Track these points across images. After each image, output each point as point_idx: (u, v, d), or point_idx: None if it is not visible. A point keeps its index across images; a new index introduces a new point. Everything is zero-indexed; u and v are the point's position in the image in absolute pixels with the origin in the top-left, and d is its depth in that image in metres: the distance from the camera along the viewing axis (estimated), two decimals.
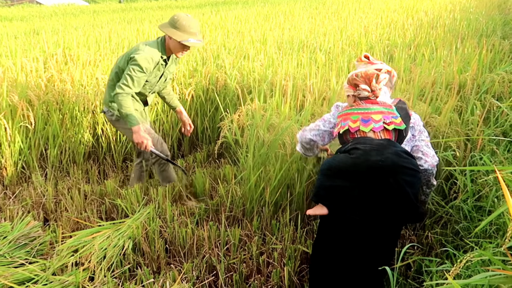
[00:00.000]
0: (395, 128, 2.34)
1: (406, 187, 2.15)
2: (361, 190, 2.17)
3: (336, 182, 2.22)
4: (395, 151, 2.21)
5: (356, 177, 2.18)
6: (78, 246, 2.97)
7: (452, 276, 1.43)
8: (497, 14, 9.34)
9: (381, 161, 2.14)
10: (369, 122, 2.34)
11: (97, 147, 4.63)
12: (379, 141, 2.28)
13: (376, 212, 2.18)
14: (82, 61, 5.26)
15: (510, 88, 4.01)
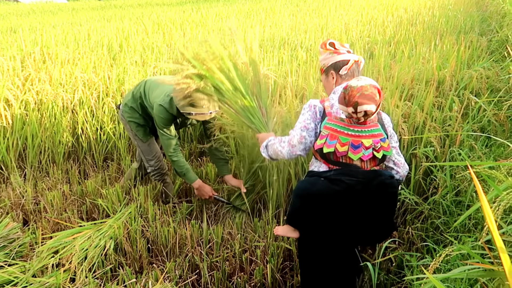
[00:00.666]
0: (383, 153, 2.18)
1: (386, 210, 2.16)
2: (339, 217, 2.14)
3: (312, 208, 2.16)
4: (381, 181, 2.12)
5: (335, 206, 2.12)
6: (59, 247, 2.93)
7: (431, 270, 1.44)
8: (475, 11, 9.47)
9: (365, 195, 2.09)
10: (359, 149, 2.14)
11: (77, 146, 4.58)
12: (365, 173, 2.14)
13: (352, 235, 2.19)
14: (61, 60, 5.19)
15: (488, 84, 4.07)
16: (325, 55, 2.42)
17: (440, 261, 1.45)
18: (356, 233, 2.18)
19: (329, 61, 2.39)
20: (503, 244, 0.95)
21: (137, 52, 5.94)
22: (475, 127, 3.45)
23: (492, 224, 0.80)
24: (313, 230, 2.23)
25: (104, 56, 5.63)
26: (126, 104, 3.55)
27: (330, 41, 2.39)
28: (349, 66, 2.33)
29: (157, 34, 7.73)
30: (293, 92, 3.85)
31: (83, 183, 3.96)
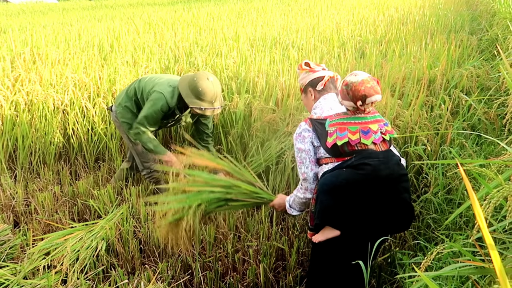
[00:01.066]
0: (390, 136, 2.27)
1: (405, 193, 2.19)
2: (370, 204, 2.16)
3: (342, 201, 2.18)
4: (396, 161, 2.21)
5: (365, 192, 2.15)
6: (50, 248, 2.91)
7: (423, 268, 1.45)
8: (465, 10, 9.52)
9: (390, 174, 2.14)
10: (369, 134, 2.21)
11: (68, 147, 4.55)
12: (383, 153, 2.21)
13: (382, 224, 2.19)
14: (51, 60, 5.16)
15: (478, 82, 4.09)
16: (302, 75, 2.56)
17: (431, 259, 1.46)
18: (387, 219, 2.19)
19: (306, 79, 2.52)
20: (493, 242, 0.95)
21: (128, 52, 5.92)
22: (466, 125, 3.47)
23: (482, 222, 0.81)
24: (347, 225, 2.22)
25: (95, 56, 5.60)
26: (119, 104, 3.52)
27: (305, 61, 2.52)
28: (324, 81, 2.45)
29: (148, 34, 7.71)
30: (285, 91, 3.86)
31: (74, 184, 3.93)
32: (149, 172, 3.65)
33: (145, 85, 3.42)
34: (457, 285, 1.71)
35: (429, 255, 1.47)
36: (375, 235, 2.20)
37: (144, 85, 3.43)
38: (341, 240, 2.24)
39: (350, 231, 2.22)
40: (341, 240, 2.24)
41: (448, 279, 1.74)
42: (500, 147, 2.66)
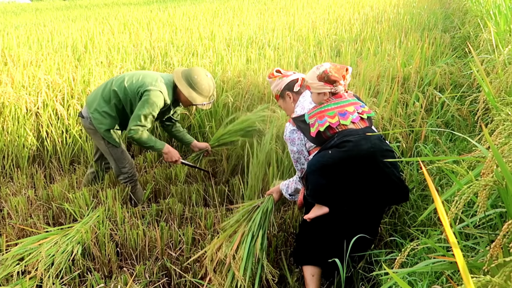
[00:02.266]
0: (368, 116, 2.42)
1: (392, 167, 2.28)
2: (357, 181, 2.27)
3: (331, 179, 2.28)
4: (378, 136, 2.33)
5: (350, 169, 2.26)
6: (24, 254, 2.85)
7: (397, 265, 1.46)
8: (438, 8, 9.67)
9: (372, 148, 2.25)
10: (346, 115, 2.36)
11: (42, 150, 4.47)
12: (364, 129, 2.35)
13: (371, 199, 2.30)
14: (23, 61, 5.06)
15: (451, 79, 4.16)
16: (275, 82, 2.70)
17: (405, 255, 1.48)
18: (375, 193, 2.29)
19: (281, 85, 2.68)
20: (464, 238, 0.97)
21: (102, 53, 5.84)
22: (440, 122, 3.52)
23: (445, 221, 0.82)
24: (335, 202, 2.34)
25: (69, 57, 5.52)
26: (95, 110, 3.40)
27: (276, 68, 2.69)
28: (300, 82, 2.63)
29: (123, 34, 7.62)
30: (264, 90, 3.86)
31: (49, 188, 3.86)
32: (128, 177, 3.61)
33: (128, 85, 3.36)
34: (432, 280, 1.73)
35: (403, 251, 1.49)
36: (368, 208, 2.34)
37: (127, 85, 3.36)
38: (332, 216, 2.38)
39: (339, 207, 2.34)
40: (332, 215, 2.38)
41: (423, 274, 1.76)
42: (473, 143, 2.71)
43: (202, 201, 3.68)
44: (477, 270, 1.39)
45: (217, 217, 3.32)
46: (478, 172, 1.51)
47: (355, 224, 2.40)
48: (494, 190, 1.51)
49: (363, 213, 2.39)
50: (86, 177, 3.88)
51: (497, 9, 4.47)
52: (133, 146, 4.79)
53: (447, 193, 1.64)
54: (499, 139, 1.54)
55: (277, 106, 3.65)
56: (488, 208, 1.60)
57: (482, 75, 2.19)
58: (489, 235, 1.56)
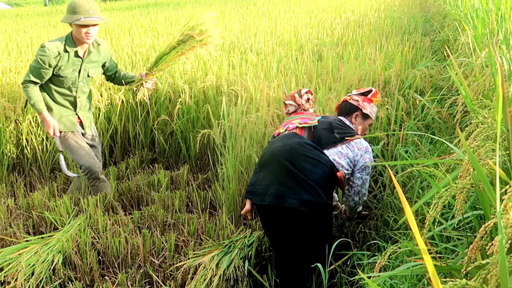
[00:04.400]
0: (307, 126, 2.66)
1: (304, 173, 2.38)
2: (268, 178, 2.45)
3: (257, 176, 2.54)
4: (298, 141, 2.53)
5: (264, 165, 2.52)
6: (3, 264, 2.80)
7: (377, 269, 1.47)
8: (418, 12, 9.77)
9: (280, 147, 2.51)
10: (286, 126, 2.74)
11: (22, 158, 4.41)
12: (286, 133, 2.67)
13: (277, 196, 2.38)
14: (2, 68, 4.99)
15: (431, 82, 4.20)
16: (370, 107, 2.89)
17: (385, 259, 1.48)
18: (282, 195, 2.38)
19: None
20: (425, 246, 0.97)
21: None
22: (420, 124, 3.55)
23: (414, 227, 0.82)
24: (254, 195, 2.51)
25: None
26: None
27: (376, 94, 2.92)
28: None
29: (105, 39, 7.56)
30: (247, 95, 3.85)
31: (29, 196, 3.81)
32: (86, 168, 3.56)
33: None
34: (414, 282, 1.74)
35: (383, 255, 1.50)
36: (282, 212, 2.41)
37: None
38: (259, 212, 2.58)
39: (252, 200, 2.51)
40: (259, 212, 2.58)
41: (404, 277, 1.77)
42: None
43: (185, 207, 3.66)
44: (457, 273, 1.40)
45: (200, 223, 3.31)
46: (455, 175, 1.53)
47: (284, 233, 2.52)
48: (472, 192, 1.52)
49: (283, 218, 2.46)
50: (74, 183, 3.81)
51: (475, 13, 4.54)
52: (115, 152, 4.76)
53: (426, 196, 1.65)
54: (475, 142, 1.56)
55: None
56: (466, 210, 1.62)
57: (460, 78, 2.21)
58: (467, 238, 1.58)
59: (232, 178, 3.33)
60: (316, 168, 2.41)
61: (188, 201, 3.78)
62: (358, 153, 2.60)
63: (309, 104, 2.88)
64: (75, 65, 3.44)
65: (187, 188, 3.94)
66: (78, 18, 3.24)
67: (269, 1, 15.82)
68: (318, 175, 2.40)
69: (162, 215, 3.39)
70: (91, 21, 3.28)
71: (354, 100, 2.84)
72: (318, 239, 2.50)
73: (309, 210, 2.36)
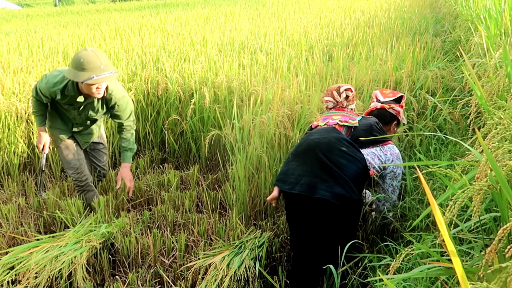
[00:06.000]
0: (347, 125, 2.66)
1: (339, 168, 2.40)
2: (301, 167, 2.48)
3: (289, 166, 2.56)
4: (336, 136, 2.54)
5: (299, 155, 2.54)
6: (15, 262, 2.81)
7: (392, 271, 1.45)
8: (429, 13, 9.72)
9: (317, 139, 2.52)
10: (326, 120, 2.74)
11: (33, 157, 4.43)
12: (325, 127, 2.68)
13: (309, 186, 2.40)
14: (14, 68, 5.02)
15: (443, 83, 4.17)
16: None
17: (400, 261, 1.47)
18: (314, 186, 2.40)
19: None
20: (459, 242, 0.96)
21: None
22: (432, 125, 3.53)
23: (444, 230, 0.81)
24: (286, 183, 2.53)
25: (60, 64, 5.48)
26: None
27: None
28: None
29: (115, 40, 7.59)
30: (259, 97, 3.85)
31: (40, 195, 3.82)
32: (73, 180, 3.54)
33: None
34: (427, 285, 1.72)
35: (398, 257, 1.48)
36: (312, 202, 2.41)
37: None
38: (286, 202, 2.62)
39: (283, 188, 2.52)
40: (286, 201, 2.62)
41: (418, 280, 1.75)
42: (466, 147, 2.71)
43: (195, 207, 3.66)
44: (472, 275, 1.38)
45: (210, 223, 3.30)
46: (472, 177, 1.51)
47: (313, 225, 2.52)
48: (488, 194, 1.50)
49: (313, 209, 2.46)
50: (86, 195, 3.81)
51: (487, 13, 4.50)
52: None
53: (441, 198, 1.63)
54: (492, 143, 1.54)
55: None
56: (482, 212, 1.60)
57: (474, 79, 2.19)
58: (483, 240, 1.56)
59: (242, 178, 3.32)
60: (352, 164, 2.44)
61: (198, 201, 3.78)
62: (390, 157, 2.65)
63: (348, 101, 2.85)
64: (74, 108, 3.30)
65: (197, 188, 3.93)
66: (90, 76, 2.92)
67: (279, 2, 15.82)
68: (353, 171, 2.43)
69: (172, 215, 3.39)
70: (104, 79, 2.99)
71: (395, 110, 2.90)
72: (342, 235, 2.49)
73: (340, 204, 2.37)
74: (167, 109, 4.68)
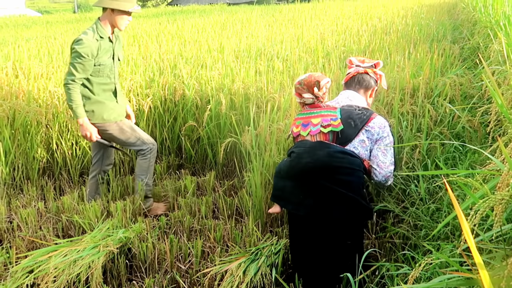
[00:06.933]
0: (332, 130, 2.50)
1: (341, 186, 2.35)
2: (301, 189, 2.44)
3: (285, 182, 2.51)
4: (327, 152, 2.42)
5: (294, 178, 2.47)
6: (34, 266, 2.85)
7: (411, 280, 1.44)
8: (446, 19, 9.64)
9: (310, 163, 2.41)
10: (307, 127, 2.56)
11: (52, 162, 4.49)
12: (312, 143, 2.51)
13: (316, 209, 2.39)
14: (34, 74, 5.10)
15: (461, 91, 4.13)
16: None
17: (419, 271, 1.45)
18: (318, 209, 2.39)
19: None
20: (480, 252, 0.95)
21: None
22: (450, 133, 3.49)
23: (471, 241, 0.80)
24: (285, 203, 2.56)
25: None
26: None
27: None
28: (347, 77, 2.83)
29: (133, 46, 7.68)
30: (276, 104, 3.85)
31: (58, 200, 3.87)
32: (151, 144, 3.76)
33: None
34: None
35: (417, 267, 1.47)
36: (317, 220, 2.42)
37: None
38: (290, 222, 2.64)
39: (286, 208, 2.56)
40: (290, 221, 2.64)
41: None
42: (485, 155, 2.67)
43: (211, 213, 3.67)
44: (493, 286, 1.36)
45: (226, 229, 3.31)
46: (493, 186, 1.49)
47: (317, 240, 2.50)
48: (510, 204, 1.48)
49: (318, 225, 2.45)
50: (90, 186, 3.87)
51: (507, 20, 4.45)
52: None
53: (460, 207, 1.61)
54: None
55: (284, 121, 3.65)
56: (503, 222, 1.58)
57: (494, 86, 2.17)
58: (505, 250, 1.53)
59: (259, 185, 3.32)
60: (352, 176, 2.39)
61: (214, 207, 3.79)
62: (378, 131, 2.53)
63: (326, 95, 2.67)
64: (108, 51, 3.53)
65: (213, 194, 3.95)
66: (135, 6, 3.42)
67: (295, 9, 15.84)
68: (355, 183, 2.39)
69: (189, 221, 3.40)
70: (139, 10, 3.58)
71: (377, 75, 2.78)
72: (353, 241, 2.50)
73: (350, 218, 2.39)
74: (184, 115, 4.71)
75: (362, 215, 2.41)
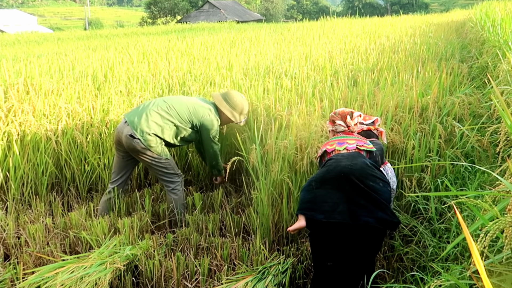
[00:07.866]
0: (366, 150, 2.68)
1: (376, 193, 2.42)
2: (335, 194, 2.44)
3: (315, 193, 2.51)
4: (364, 161, 2.55)
5: (331, 181, 2.49)
6: (40, 282, 2.85)
7: None
8: (455, 38, 9.66)
9: (350, 166, 2.50)
10: (343, 144, 2.72)
11: (60, 178, 4.51)
12: (350, 152, 2.66)
13: (349, 214, 2.39)
14: (45, 90, 5.15)
15: (470, 110, 4.12)
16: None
17: None
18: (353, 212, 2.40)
19: None
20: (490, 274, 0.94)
21: (122, 82, 5.93)
22: (459, 153, 3.47)
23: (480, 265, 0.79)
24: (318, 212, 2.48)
25: (89, 86, 5.61)
26: (143, 133, 3.64)
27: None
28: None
29: (142, 63, 7.74)
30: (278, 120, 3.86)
31: (66, 216, 3.88)
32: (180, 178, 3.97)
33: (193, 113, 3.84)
34: None
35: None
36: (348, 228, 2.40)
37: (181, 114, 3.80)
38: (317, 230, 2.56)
39: (316, 217, 2.45)
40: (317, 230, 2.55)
41: None
42: (494, 176, 2.66)
43: (218, 231, 3.66)
44: None
45: (233, 247, 3.29)
46: (503, 207, 1.48)
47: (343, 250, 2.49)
48: None
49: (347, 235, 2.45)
50: (102, 204, 3.90)
51: None
52: (150, 174, 4.81)
53: (470, 228, 1.60)
54: None
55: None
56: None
57: (503, 106, 2.16)
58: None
59: (266, 203, 3.32)
60: (385, 188, 2.49)
61: (222, 225, 3.78)
62: (390, 176, 2.81)
63: (357, 126, 2.94)
64: None
65: (220, 212, 3.94)
66: (242, 120, 4.10)
67: (303, 27, 15.95)
68: (387, 194, 2.49)
69: (196, 238, 3.39)
70: (242, 123, 4.16)
71: (379, 131, 3.06)
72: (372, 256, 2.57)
73: (383, 228, 2.42)
74: None
75: (390, 225, 2.44)
